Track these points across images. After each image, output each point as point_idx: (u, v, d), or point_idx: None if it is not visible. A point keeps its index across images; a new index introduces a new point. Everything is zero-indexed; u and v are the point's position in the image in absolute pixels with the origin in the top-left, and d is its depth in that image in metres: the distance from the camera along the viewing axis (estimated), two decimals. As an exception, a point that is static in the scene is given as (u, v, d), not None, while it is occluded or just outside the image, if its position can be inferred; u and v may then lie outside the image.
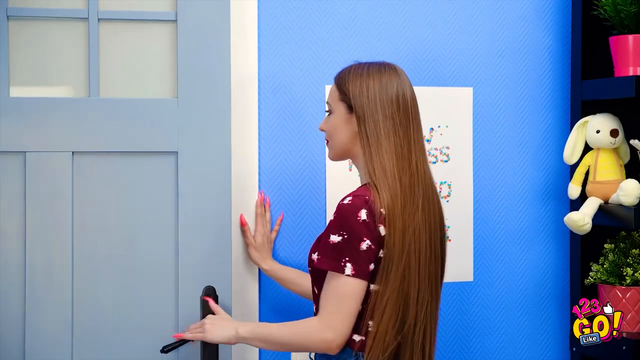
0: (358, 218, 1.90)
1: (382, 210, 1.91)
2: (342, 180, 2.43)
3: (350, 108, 1.99)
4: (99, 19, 2.19)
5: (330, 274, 1.92)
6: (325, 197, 2.44)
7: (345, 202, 1.92)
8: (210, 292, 2.16)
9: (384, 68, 2.01)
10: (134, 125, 2.19)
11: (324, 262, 1.92)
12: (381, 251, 1.92)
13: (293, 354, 2.41)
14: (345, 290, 1.90)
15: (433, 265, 1.99)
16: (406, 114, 1.99)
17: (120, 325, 2.20)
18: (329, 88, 2.43)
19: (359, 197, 1.92)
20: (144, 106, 2.20)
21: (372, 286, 1.94)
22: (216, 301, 2.14)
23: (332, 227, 1.92)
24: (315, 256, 1.96)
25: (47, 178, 2.15)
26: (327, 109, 2.06)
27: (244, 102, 2.36)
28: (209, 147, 2.22)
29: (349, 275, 1.89)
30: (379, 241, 1.91)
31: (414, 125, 2.00)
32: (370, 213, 1.90)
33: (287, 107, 2.42)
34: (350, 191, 1.98)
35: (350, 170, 2.44)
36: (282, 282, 2.34)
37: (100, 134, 2.18)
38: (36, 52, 2.18)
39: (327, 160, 2.44)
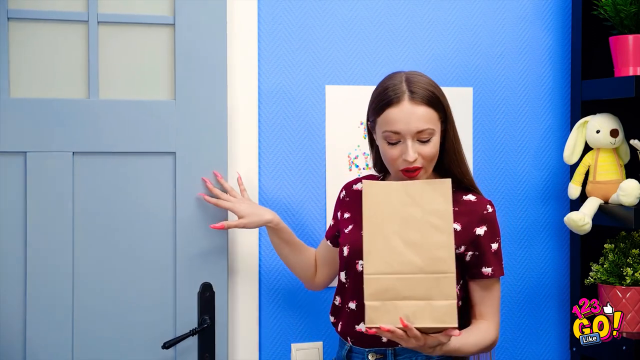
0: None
1: None
2: (342, 180, 2.42)
3: (444, 122, 2.01)
4: (98, 22, 2.21)
5: (493, 280, 2.04)
6: (325, 197, 2.45)
7: (491, 210, 2.04)
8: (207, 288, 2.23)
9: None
10: (133, 126, 2.22)
11: (497, 271, 2.03)
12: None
13: (293, 355, 2.41)
14: (499, 291, 2.07)
15: None
16: None
17: (120, 323, 2.21)
18: (329, 88, 2.44)
19: (491, 202, 2.05)
20: (143, 108, 2.22)
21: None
22: (213, 297, 2.22)
23: (491, 236, 2.02)
24: (487, 270, 2.03)
25: (47, 178, 2.16)
26: (425, 136, 1.95)
27: (244, 103, 2.36)
28: (206, 148, 2.26)
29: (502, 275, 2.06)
30: None
31: None
32: None
33: (287, 107, 2.42)
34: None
35: (350, 170, 2.44)
36: (280, 241, 2.23)
37: (100, 135, 2.20)
38: (36, 53, 2.19)
39: (327, 160, 2.44)
